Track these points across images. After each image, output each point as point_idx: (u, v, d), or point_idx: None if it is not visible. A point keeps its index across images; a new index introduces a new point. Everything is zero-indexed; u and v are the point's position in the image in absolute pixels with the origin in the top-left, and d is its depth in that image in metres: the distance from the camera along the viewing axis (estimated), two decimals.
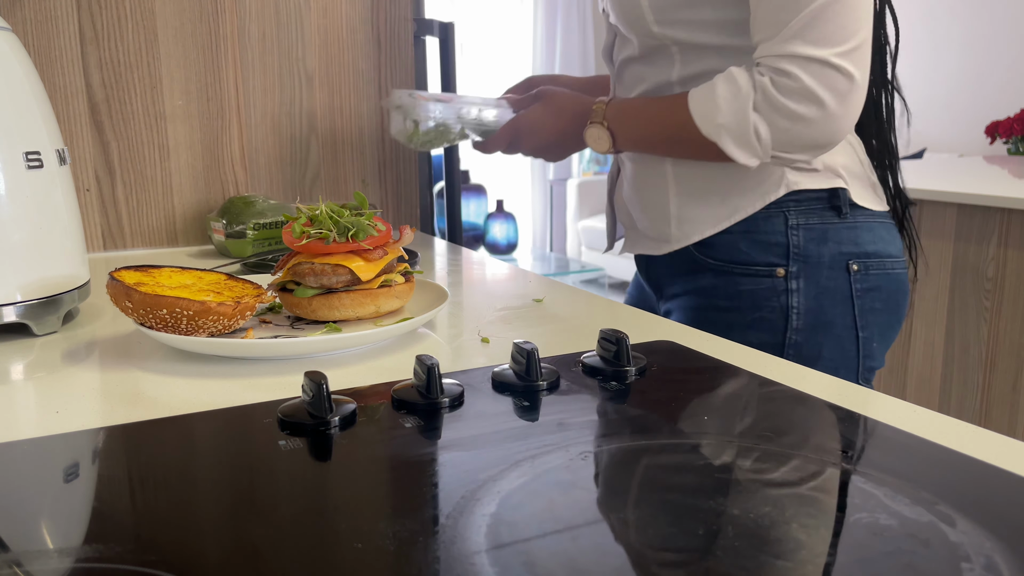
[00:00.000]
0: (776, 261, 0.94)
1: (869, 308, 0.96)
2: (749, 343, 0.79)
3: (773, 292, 0.94)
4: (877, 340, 0.97)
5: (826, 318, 0.94)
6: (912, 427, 0.50)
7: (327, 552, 0.36)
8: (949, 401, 2.03)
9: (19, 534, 0.38)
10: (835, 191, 0.94)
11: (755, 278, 0.95)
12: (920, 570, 0.34)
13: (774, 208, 0.94)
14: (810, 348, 0.94)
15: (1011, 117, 2.83)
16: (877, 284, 0.96)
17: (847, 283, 0.95)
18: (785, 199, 0.94)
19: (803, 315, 0.93)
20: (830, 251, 0.94)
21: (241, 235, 1.08)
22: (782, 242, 0.94)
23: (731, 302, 0.95)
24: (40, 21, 1.05)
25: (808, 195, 0.94)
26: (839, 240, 0.94)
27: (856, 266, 0.95)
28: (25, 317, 0.72)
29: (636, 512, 0.40)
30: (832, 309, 0.94)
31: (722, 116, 0.87)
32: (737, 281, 0.95)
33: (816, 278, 0.94)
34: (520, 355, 0.57)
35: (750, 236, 0.95)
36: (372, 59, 1.26)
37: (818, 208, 0.94)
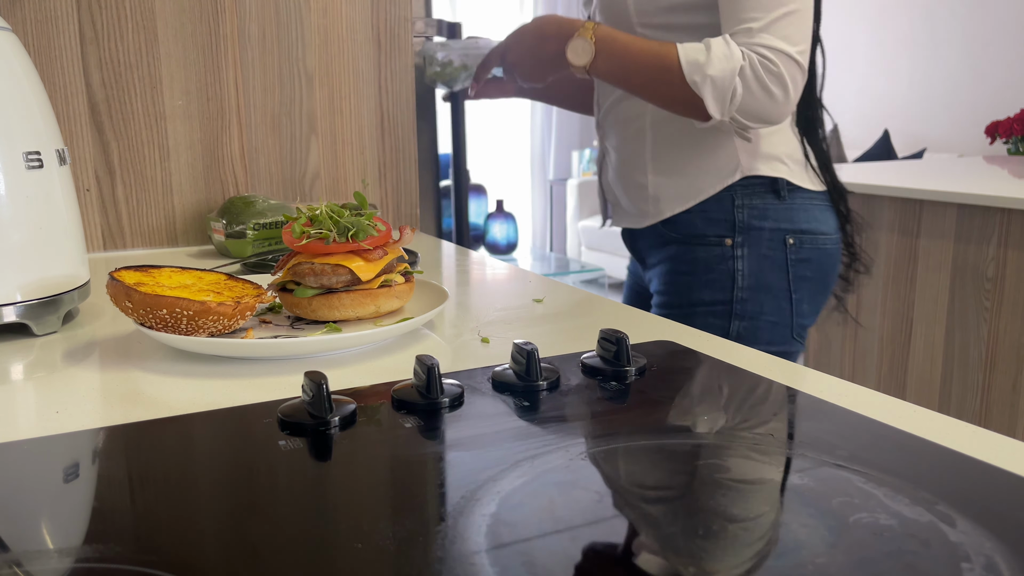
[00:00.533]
0: (725, 233, 1.14)
1: (801, 275, 1.15)
2: (703, 300, 1.14)
3: (722, 259, 1.14)
4: (807, 302, 1.17)
5: (766, 281, 1.14)
6: (912, 427, 0.49)
7: (327, 552, 0.36)
8: (949, 401, 2.03)
9: (19, 534, 0.38)
10: (776, 179, 1.13)
11: (708, 247, 1.15)
12: (920, 570, 0.34)
13: (725, 192, 1.13)
14: (754, 305, 1.14)
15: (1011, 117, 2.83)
16: (809, 256, 1.16)
17: (783, 254, 1.14)
18: (736, 185, 1.13)
19: (747, 277, 1.13)
20: (770, 226, 1.13)
21: (241, 235, 1.08)
22: (730, 219, 1.13)
23: (690, 267, 1.16)
24: (40, 21, 1.05)
25: (754, 181, 1.13)
26: (778, 218, 1.14)
27: (792, 240, 1.14)
28: (25, 317, 0.72)
29: (636, 512, 0.40)
30: (771, 274, 1.14)
31: (712, 69, 1.00)
32: (694, 250, 1.15)
33: (758, 248, 1.13)
34: (520, 355, 0.57)
35: (704, 214, 1.15)
36: (372, 59, 1.26)
37: (761, 191, 1.13)
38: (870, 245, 2.19)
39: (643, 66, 1.05)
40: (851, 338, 2.28)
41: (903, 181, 2.14)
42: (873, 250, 2.19)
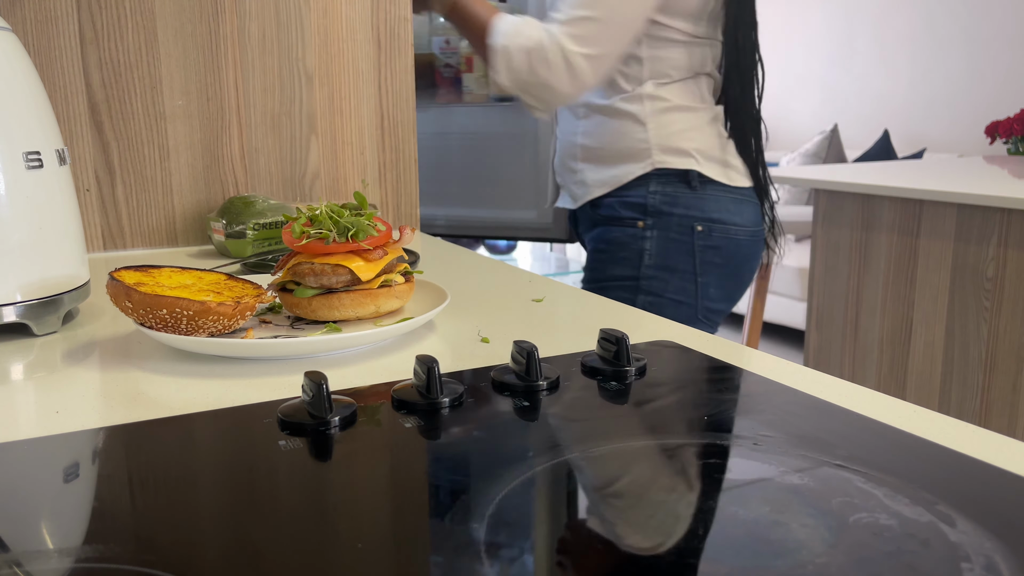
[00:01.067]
0: (638, 216, 1.28)
1: (708, 261, 1.27)
2: (615, 275, 1.29)
3: (634, 238, 1.28)
4: (714, 287, 1.29)
5: (671, 263, 1.27)
6: (912, 427, 0.50)
7: (327, 552, 0.36)
8: (949, 401, 2.03)
9: (19, 534, 0.38)
10: (688, 171, 1.26)
11: (623, 228, 1.29)
12: (920, 570, 0.34)
13: (642, 180, 1.27)
14: (659, 283, 1.27)
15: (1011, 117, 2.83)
16: (718, 244, 1.27)
17: (691, 239, 1.26)
18: (651, 174, 1.26)
19: (654, 256, 1.27)
20: (679, 213, 1.27)
21: (241, 235, 1.08)
22: (643, 203, 1.28)
23: (607, 245, 1.31)
24: (40, 21, 1.05)
25: (668, 172, 1.26)
26: (688, 206, 1.26)
27: (700, 227, 1.26)
28: (25, 317, 0.72)
29: (636, 512, 0.40)
30: (677, 256, 1.26)
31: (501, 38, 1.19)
32: (612, 231, 1.30)
33: (666, 232, 1.27)
34: (520, 355, 0.57)
35: (622, 199, 1.29)
36: (372, 59, 1.26)
37: (674, 181, 1.27)
38: (870, 245, 2.19)
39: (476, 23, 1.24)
40: (851, 338, 2.28)
41: (903, 181, 2.14)
42: (873, 250, 2.18)
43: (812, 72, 4.79)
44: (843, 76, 4.62)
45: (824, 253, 2.32)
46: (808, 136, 4.71)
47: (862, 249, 2.21)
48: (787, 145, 4.86)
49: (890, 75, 4.38)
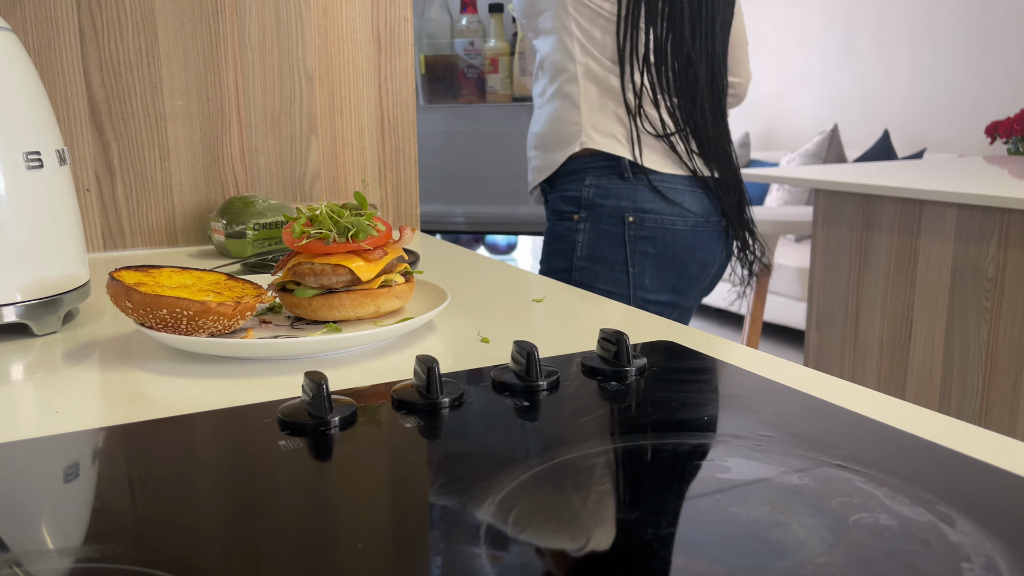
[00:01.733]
0: (573, 210, 1.31)
1: (641, 251, 1.29)
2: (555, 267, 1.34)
3: (569, 231, 1.32)
4: (649, 277, 1.30)
5: (602, 254, 1.30)
6: (912, 427, 0.49)
7: (327, 552, 0.36)
8: (949, 401, 2.03)
9: (19, 534, 0.38)
10: (619, 160, 1.27)
11: (560, 221, 1.34)
12: (920, 570, 0.34)
13: (579, 173, 1.30)
14: (590, 274, 1.30)
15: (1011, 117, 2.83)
16: (651, 234, 1.29)
17: (622, 230, 1.28)
18: (585, 166, 1.30)
19: (585, 248, 1.30)
20: (611, 204, 1.28)
21: (241, 235, 1.08)
22: (578, 196, 1.31)
23: (550, 239, 1.37)
24: (40, 21, 1.05)
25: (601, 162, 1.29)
26: (620, 197, 1.28)
27: (632, 218, 1.28)
28: (25, 317, 0.72)
29: (636, 512, 0.40)
30: (607, 248, 1.29)
31: None
32: (554, 225, 1.36)
33: (598, 223, 1.29)
34: (520, 355, 0.57)
35: (562, 194, 1.34)
36: (372, 59, 1.26)
37: (608, 173, 1.29)
38: (870, 245, 2.19)
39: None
40: (851, 338, 2.28)
41: (903, 181, 2.14)
42: (873, 250, 2.18)
43: (812, 72, 4.79)
44: (843, 76, 4.62)
45: (824, 253, 2.32)
46: (808, 136, 4.71)
47: (862, 249, 2.21)
48: (787, 145, 4.86)
49: (890, 75, 4.37)
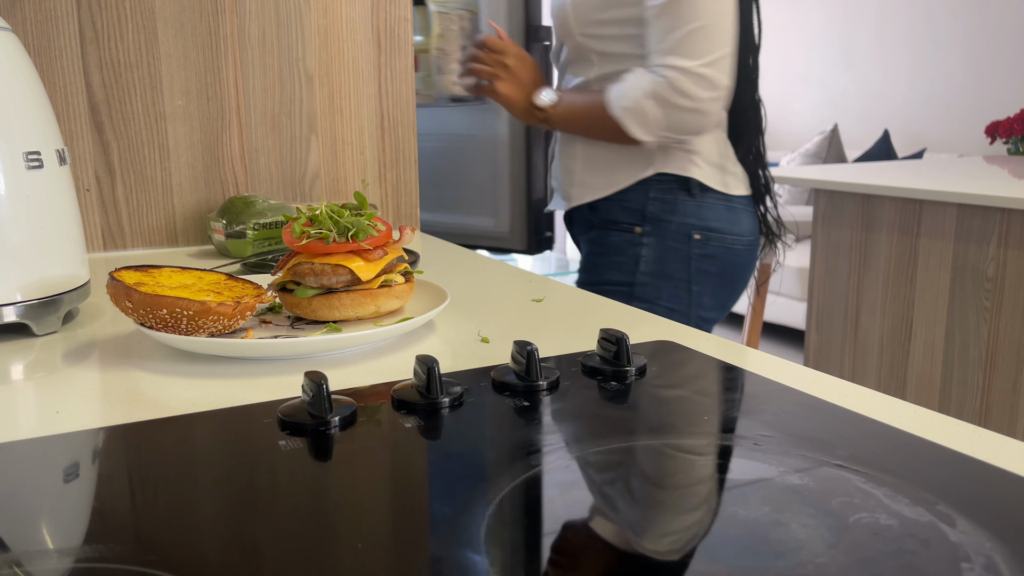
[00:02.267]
0: (636, 222, 1.27)
1: (703, 270, 1.26)
2: (611, 280, 1.27)
3: (630, 244, 1.27)
4: (709, 296, 1.28)
5: (666, 270, 1.26)
6: (912, 427, 0.49)
7: (327, 552, 0.36)
8: (949, 401, 2.03)
9: (19, 534, 0.38)
10: (688, 178, 1.24)
11: (619, 232, 1.28)
12: (920, 570, 0.34)
13: (641, 185, 1.26)
14: (653, 290, 1.26)
15: (1011, 117, 2.83)
16: (714, 253, 1.26)
17: (687, 247, 1.25)
18: (651, 179, 1.25)
19: (649, 263, 1.26)
20: (677, 221, 1.25)
21: (241, 235, 1.08)
22: (641, 209, 1.26)
23: (603, 248, 1.30)
24: (40, 21, 1.05)
25: (667, 177, 1.25)
26: (686, 214, 1.25)
27: (698, 236, 1.25)
28: (25, 317, 0.72)
29: (636, 512, 0.40)
30: (672, 264, 1.26)
31: (625, 100, 1.17)
32: (608, 234, 1.29)
33: (663, 239, 1.26)
34: (520, 355, 0.57)
35: (621, 204, 1.28)
36: (372, 59, 1.26)
37: (674, 188, 1.25)
38: (870, 245, 2.19)
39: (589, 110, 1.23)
40: (851, 338, 2.28)
41: (903, 181, 2.14)
42: (873, 250, 2.18)
43: (812, 72, 4.79)
44: (843, 76, 4.62)
45: (824, 253, 2.32)
46: (808, 136, 4.71)
47: (862, 249, 2.21)
48: (787, 145, 4.86)
49: (890, 75, 4.37)
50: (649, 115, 1.15)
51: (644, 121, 1.16)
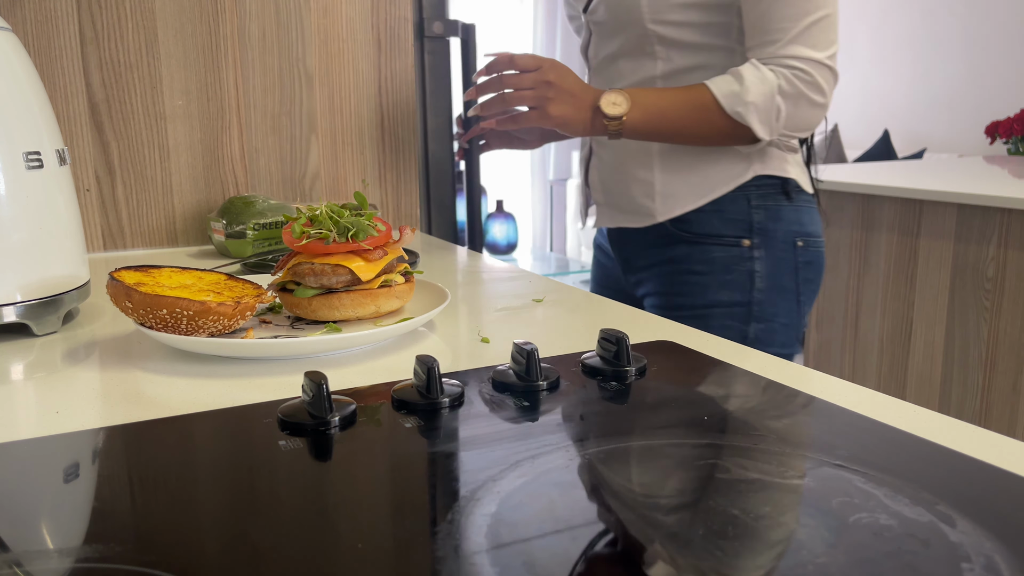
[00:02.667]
0: (742, 234, 1.12)
1: (805, 278, 1.15)
2: (722, 301, 1.12)
3: (740, 259, 1.12)
4: (807, 305, 1.18)
5: (780, 283, 1.13)
6: (912, 427, 0.49)
7: (327, 552, 0.36)
8: (949, 401, 2.03)
9: (19, 534, 0.38)
10: (787, 179, 1.13)
11: (725, 247, 1.13)
12: (920, 570, 0.34)
13: (739, 192, 1.12)
14: (770, 306, 1.13)
15: (1011, 117, 2.83)
16: (811, 259, 1.16)
17: (793, 256, 1.14)
18: (748, 184, 1.12)
19: (764, 278, 1.13)
20: (782, 229, 1.13)
21: (241, 235, 1.08)
22: (746, 219, 1.12)
23: (705, 267, 1.13)
24: (40, 21, 1.05)
25: (766, 181, 1.12)
26: (788, 220, 1.13)
27: (801, 242, 1.14)
28: (25, 317, 0.72)
29: (636, 512, 0.40)
30: (784, 276, 1.14)
31: (751, 96, 1.02)
32: (710, 250, 1.13)
33: (773, 250, 1.13)
34: (520, 355, 0.57)
35: (721, 214, 1.13)
36: (372, 59, 1.26)
37: (773, 192, 1.13)
38: (870, 245, 2.19)
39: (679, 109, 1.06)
40: (851, 338, 2.28)
41: (903, 181, 2.14)
42: (873, 250, 2.18)
43: None
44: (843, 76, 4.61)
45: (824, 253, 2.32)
46: None
47: (862, 249, 2.21)
48: None
49: (890, 75, 4.38)
50: (781, 112, 1.03)
51: (771, 119, 1.04)
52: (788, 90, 1.02)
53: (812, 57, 1.02)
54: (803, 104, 1.03)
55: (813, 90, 1.02)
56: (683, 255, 1.14)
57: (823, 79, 1.02)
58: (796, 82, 1.02)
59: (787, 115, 1.04)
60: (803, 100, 1.03)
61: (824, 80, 1.02)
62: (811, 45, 1.02)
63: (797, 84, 1.02)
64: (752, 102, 1.02)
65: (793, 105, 1.03)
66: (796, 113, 1.04)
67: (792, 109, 1.03)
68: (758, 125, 1.03)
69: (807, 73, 1.02)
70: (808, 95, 1.03)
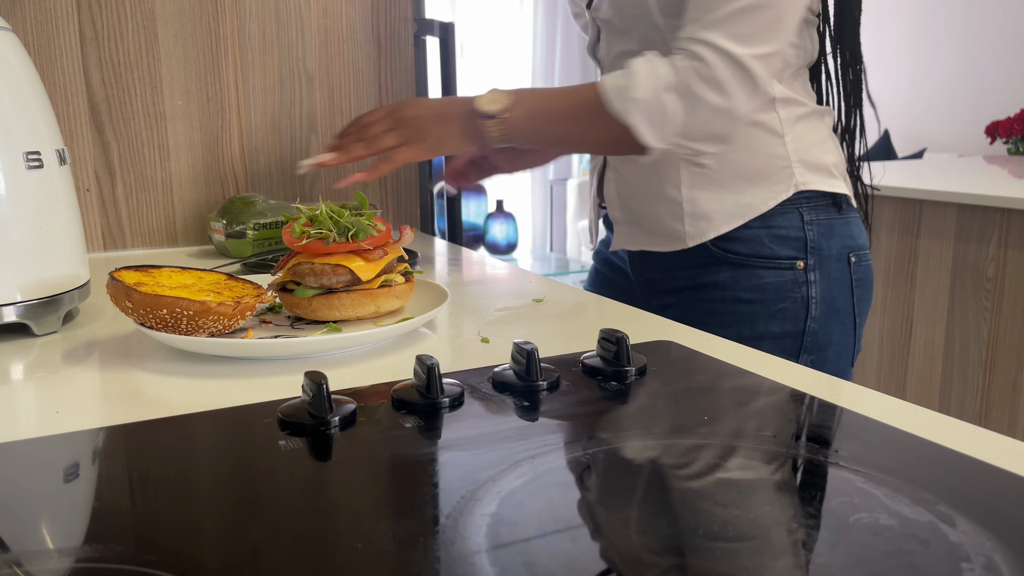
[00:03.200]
0: (796, 255, 0.98)
1: (860, 296, 1.02)
2: (772, 332, 0.97)
3: (795, 284, 0.98)
4: (861, 327, 1.04)
5: (836, 306, 0.99)
6: (912, 427, 0.49)
7: (327, 552, 0.36)
8: (949, 401, 2.03)
9: (19, 534, 0.38)
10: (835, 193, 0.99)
11: (778, 271, 0.98)
12: (920, 570, 0.34)
13: (789, 205, 0.97)
14: (824, 335, 0.99)
15: (1011, 117, 2.83)
16: (864, 274, 1.03)
17: (848, 274, 1.00)
18: (798, 197, 0.97)
19: (820, 304, 0.98)
20: (836, 245, 0.99)
21: (241, 235, 1.08)
22: (800, 236, 0.97)
23: (755, 294, 0.98)
24: (40, 21, 1.05)
25: (816, 193, 0.98)
26: (841, 235, 1.00)
27: (854, 258, 1.01)
28: (25, 317, 0.72)
29: (636, 512, 0.40)
30: (840, 298, 1.00)
31: (637, 91, 0.86)
32: (760, 274, 0.97)
33: (828, 270, 0.99)
34: (520, 355, 0.57)
35: (771, 231, 0.97)
36: (372, 59, 1.26)
37: (824, 205, 0.99)
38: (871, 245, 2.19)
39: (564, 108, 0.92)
40: None
41: (903, 181, 2.14)
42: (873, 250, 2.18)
43: None
44: None
45: None
46: None
47: None
48: None
49: (890, 75, 4.37)
50: (669, 113, 0.86)
51: (659, 120, 0.86)
52: (679, 87, 0.85)
53: (726, 49, 0.84)
54: (701, 106, 0.85)
55: (710, 88, 0.84)
56: (728, 280, 0.98)
57: (731, 77, 0.84)
58: (691, 76, 0.85)
59: (681, 118, 0.86)
60: (700, 101, 0.85)
61: (734, 79, 0.84)
62: (731, 35, 0.84)
63: (691, 79, 0.85)
64: (637, 98, 0.86)
65: (689, 106, 0.85)
66: (694, 116, 0.86)
67: (687, 111, 0.85)
68: (643, 127, 0.86)
69: (708, 67, 0.84)
70: (702, 94, 0.84)
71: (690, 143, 0.89)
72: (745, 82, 0.85)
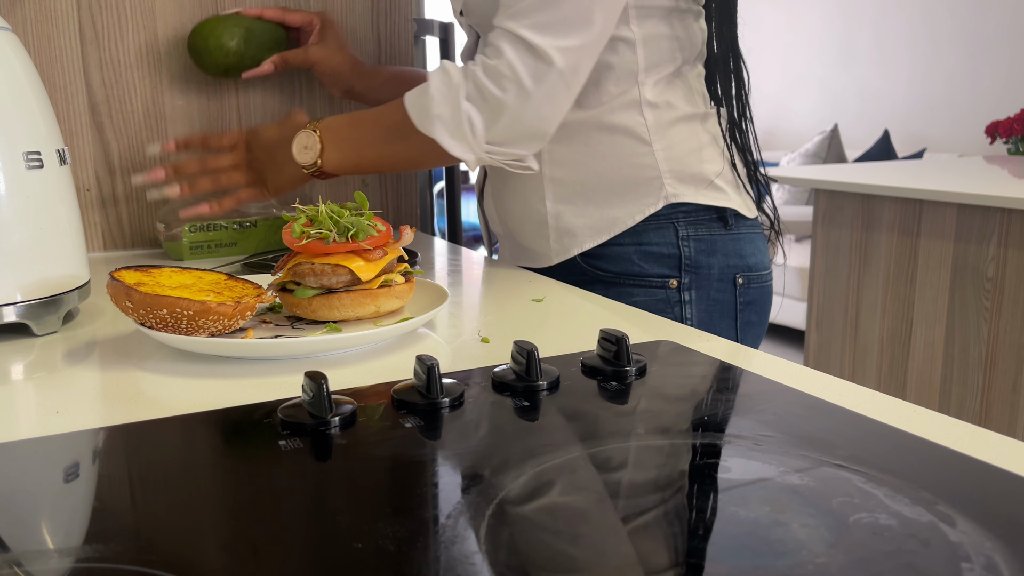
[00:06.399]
0: (668, 272, 0.92)
1: (747, 321, 0.96)
2: None
3: (667, 303, 0.92)
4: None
5: (715, 330, 0.93)
6: (912, 427, 0.49)
7: (327, 552, 0.36)
8: (949, 401, 2.03)
9: (19, 534, 0.38)
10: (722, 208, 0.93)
11: (648, 289, 0.92)
12: (920, 570, 0.34)
13: (663, 219, 0.91)
14: None
15: (1011, 117, 2.83)
16: (754, 298, 0.96)
17: (733, 296, 0.94)
18: (672, 211, 0.91)
19: (696, 326, 0.90)
20: (719, 263, 0.93)
21: (176, 237, 1.06)
22: (674, 253, 0.92)
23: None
24: (40, 21, 1.05)
25: (695, 207, 0.92)
26: (726, 252, 0.93)
27: (741, 280, 0.94)
28: (25, 317, 0.72)
29: (636, 512, 0.40)
30: (720, 322, 0.94)
31: (436, 107, 0.82)
32: (630, 292, 0.93)
33: (707, 290, 0.93)
34: (520, 355, 0.57)
35: (641, 248, 0.92)
36: (372, 59, 1.26)
37: (705, 219, 0.93)
38: (870, 245, 2.19)
39: (376, 131, 0.89)
40: (851, 338, 2.28)
41: (903, 181, 2.14)
42: (873, 250, 2.19)
43: (812, 72, 4.79)
44: (843, 76, 4.62)
45: (824, 253, 2.32)
46: (808, 136, 4.71)
47: (862, 249, 2.22)
48: (787, 145, 4.86)
49: (890, 75, 4.38)
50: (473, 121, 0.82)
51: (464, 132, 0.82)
52: (471, 94, 0.81)
53: (527, 39, 0.78)
54: (500, 107, 0.80)
55: (503, 84, 0.79)
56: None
57: (526, 70, 0.78)
58: (480, 79, 0.80)
59: (484, 124, 0.81)
60: (496, 102, 0.80)
61: (528, 71, 0.78)
62: (534, 25, 0.78)
63: (481, 82, 0.80)
64: (438, 115, 0.82)
65: (488, 110, 0.81)
66: (496, 120, 0.81)
67: (488, 116, 0.81)
68: (448, 141, 0.82)
69: (502, 62, 0.79)
70: (495, 93, 0.79)
71: (503, 148, 0.84)
72: (545, 74, 0.79)
